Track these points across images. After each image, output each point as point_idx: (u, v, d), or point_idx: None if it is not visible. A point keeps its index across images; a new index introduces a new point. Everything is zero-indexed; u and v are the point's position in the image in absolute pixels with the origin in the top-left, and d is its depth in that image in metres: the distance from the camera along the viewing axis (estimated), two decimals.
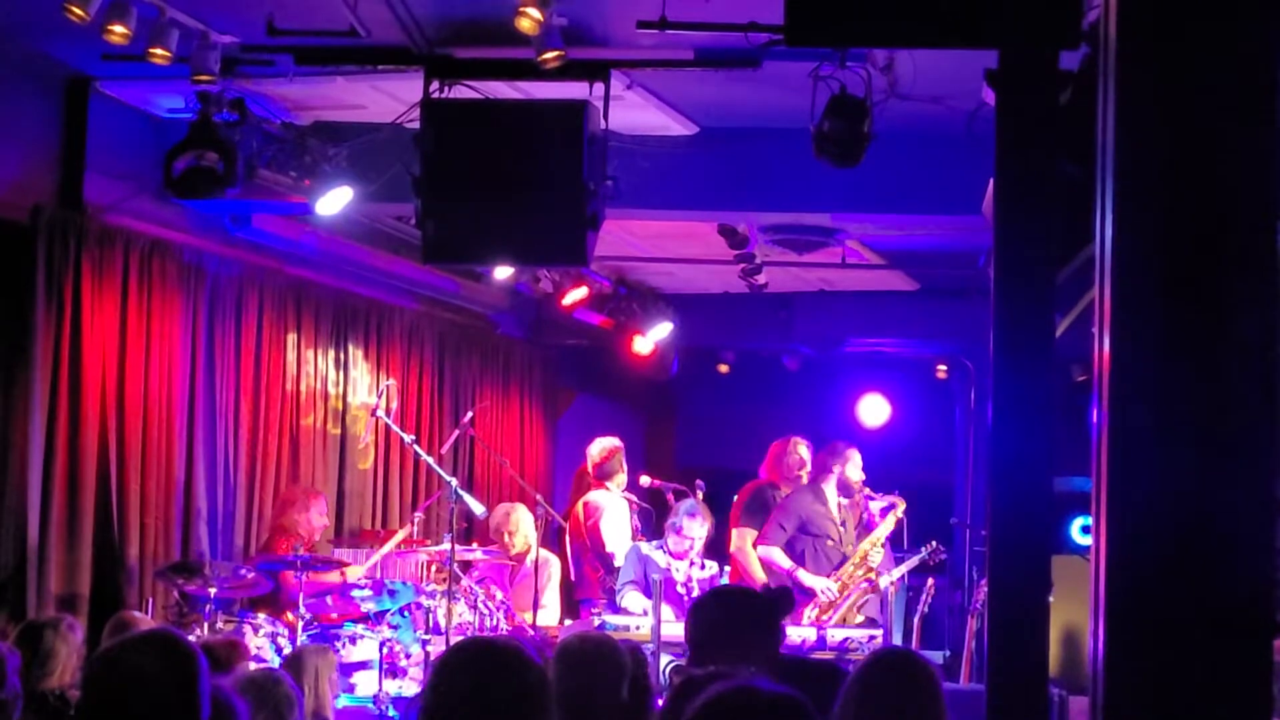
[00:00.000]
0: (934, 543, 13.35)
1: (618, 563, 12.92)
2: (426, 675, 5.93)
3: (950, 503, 16.48)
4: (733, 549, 13.08)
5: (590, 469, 13.60)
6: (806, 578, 12.44)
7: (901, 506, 12.85)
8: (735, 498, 13.42)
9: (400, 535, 12.46)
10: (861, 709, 4.84)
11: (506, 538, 12.80)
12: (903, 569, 12.93)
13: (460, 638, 10.98)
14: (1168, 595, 3.32)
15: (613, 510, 13.31)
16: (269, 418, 12.74)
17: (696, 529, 12.20)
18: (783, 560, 12.52)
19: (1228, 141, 3.33)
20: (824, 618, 12.21)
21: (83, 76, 10.70)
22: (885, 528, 12.76)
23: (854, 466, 12.85)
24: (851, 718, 4.82)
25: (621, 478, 13.53)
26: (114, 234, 11.07)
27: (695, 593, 11.97)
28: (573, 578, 13.46)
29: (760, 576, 12.63)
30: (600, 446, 13.61)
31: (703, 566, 12.22)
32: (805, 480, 13.00)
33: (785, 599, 6.63)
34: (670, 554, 12.20)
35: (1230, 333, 3.28)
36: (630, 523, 13.40)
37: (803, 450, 13.15)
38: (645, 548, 12.40)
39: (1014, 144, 6.62)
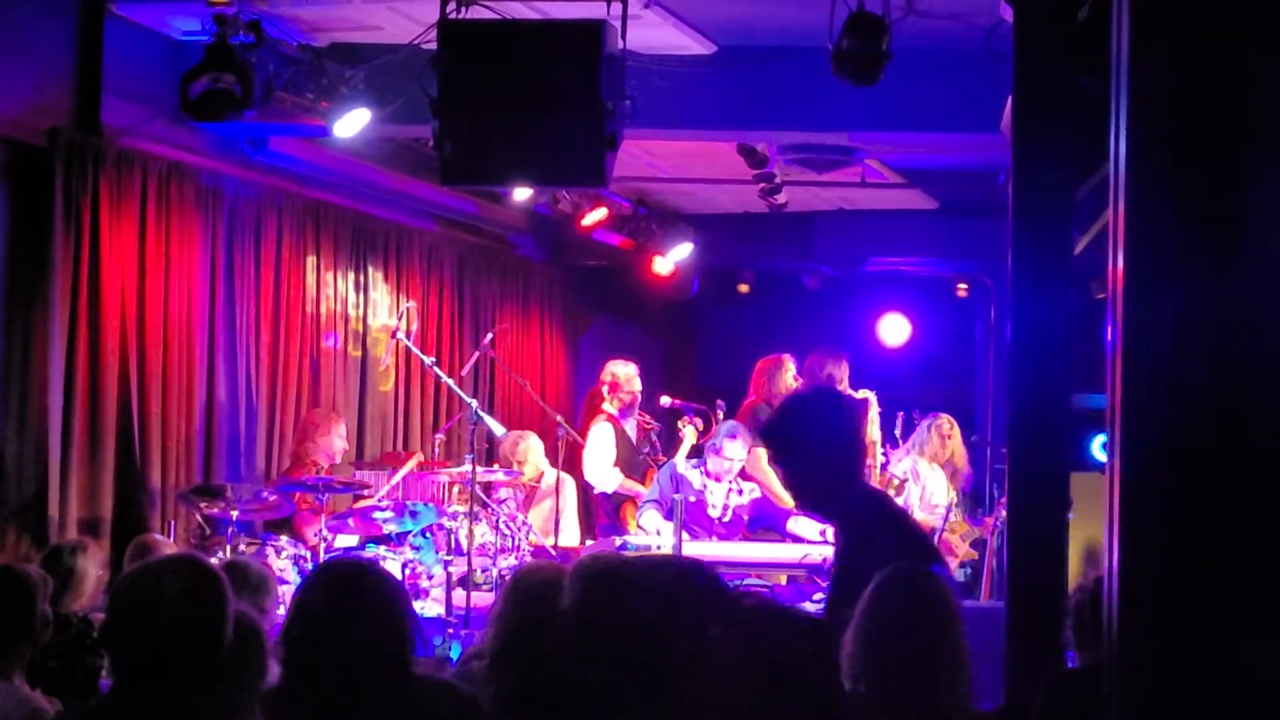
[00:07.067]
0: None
1: (598, 489, 12.95)
2: (500, 595, 5.99)
3: (971, 420, 16.46)
4: (748, 470, 12.97)
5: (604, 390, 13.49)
6: None
7: (874, 400, 12.80)
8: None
9: (411, 463, 12.46)
10: (876, 629, 4.81)
11: (515, 466, 12.78)
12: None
13: (482, 558, 11.18)
14: (1183, 513, 3.32)
15: (597, 439, 13.17)
16: (289, 341, 12.75)
17: (736, 450, 11.96)
18: None
19: (1243, 56, 3.30)
20: None
21: None
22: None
23: (846, 376, 12.76)
24: (864, 638, 4.80)
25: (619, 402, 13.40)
26: (132, 157, 11.06)
27: (728, 518, 11.92)
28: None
29: (782, 490, 12.54)
30: (613, 370, 13.50)
31: (740, 491, 12.07)
32: None
33: None
34: (708, 475, 12.02)
35: (1246, 249, 3.26)
36: (619, 449, 13.22)
37: (793, 373, 12.98)
38: (683, 466, 12.14)
39: (1032, 61, 6.60)
